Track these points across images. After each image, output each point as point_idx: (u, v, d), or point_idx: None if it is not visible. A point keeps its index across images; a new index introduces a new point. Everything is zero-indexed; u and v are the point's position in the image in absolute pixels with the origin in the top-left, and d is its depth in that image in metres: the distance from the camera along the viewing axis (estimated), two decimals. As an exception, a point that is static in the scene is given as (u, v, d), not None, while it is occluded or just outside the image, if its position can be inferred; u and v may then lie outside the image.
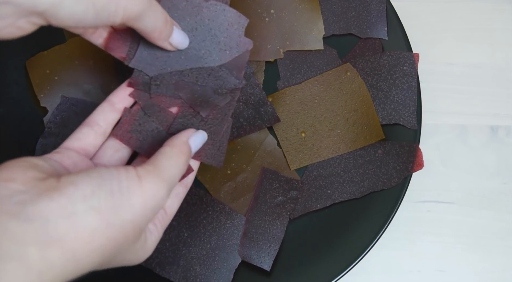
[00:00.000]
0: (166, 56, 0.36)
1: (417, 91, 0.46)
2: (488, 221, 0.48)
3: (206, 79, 0.37)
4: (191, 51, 0.36)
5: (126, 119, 0.35)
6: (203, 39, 0.36)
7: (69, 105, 0.44)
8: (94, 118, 0.34)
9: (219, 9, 0.36)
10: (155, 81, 0.36)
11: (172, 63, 0.36)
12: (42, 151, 0.43)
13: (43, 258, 0.24)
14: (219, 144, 0.37)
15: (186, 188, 0.35)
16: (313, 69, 0.47)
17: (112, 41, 0.35)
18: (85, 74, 0.45)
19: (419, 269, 0.47)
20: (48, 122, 0.44)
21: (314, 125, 0.46)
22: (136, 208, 0.27)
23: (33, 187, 0.25)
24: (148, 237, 0.31)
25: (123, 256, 0.29)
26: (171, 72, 0.36)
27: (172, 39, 0.34)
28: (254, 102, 0.44)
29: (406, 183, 0.44)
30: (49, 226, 0.24)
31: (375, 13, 0.47)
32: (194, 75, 0.37)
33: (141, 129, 0.35)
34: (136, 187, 0.27)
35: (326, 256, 0.44)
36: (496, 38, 0.51)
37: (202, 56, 0.37)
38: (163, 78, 0.36)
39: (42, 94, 0.44)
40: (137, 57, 0.35)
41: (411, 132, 0.45)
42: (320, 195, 0.45)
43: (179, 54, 0.36)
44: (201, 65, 0.37)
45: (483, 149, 0.49)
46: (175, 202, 0.34)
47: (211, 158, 0.37)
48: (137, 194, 0.27)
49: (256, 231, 0.44)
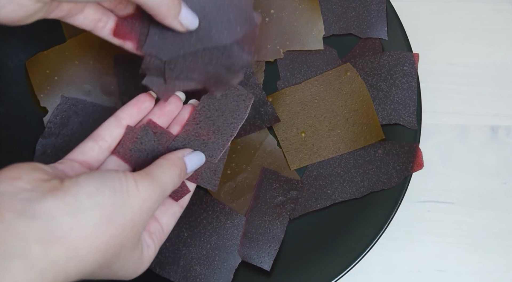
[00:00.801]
0: (178, 39, 0.35)
1: (417, 91, 0.46)
2: (488, 221, 0.48)
3: (220, 58, 0.36)
4: (201, 31, 0.35)
5: (128, 137, 0.35)
6: (213, 18, 0.36)
7: (69, 105, 0.44)
8: (100, 133, 0.34)
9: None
10: (169, 65, 0.35)
11: (184, 45, 0.35)
12: (42, 151, 0.43)
13: (46, 256, 0.24)
14: (215, 168, 0.37)
15: (181, 208, 0.36)
16: (313, 69, 0.47)
17: (120, 28, 0.34)
18: (85, 74, 0.45)
19: (419, 269, 0.47)
20: (48, 122, 0.44)
21: (314, 125, 0.46)
22: (134, 208, 0.28)
23: (39, 186, 0.25)
24: (144, 249, 0.31)
25: (121, 264, 0.29)
26: (184, 54, 0.36)
27: (182, 17, 0.33)
28: (254, 102, 0.44)
29: (406, 183, 0.44)
30: (54, 223, 0.24)
31: (375, 13, 0.47)
32: (208, 56, 0.36)
33: (142, 148, 0.35)
34: (133, 188, 0.28)
35: (326, 256, 0.44)
36: (496, 38, 0.51)
37: (214, 35, 0.36)
38: (177, 62, 0.36)
39: (42, 94, 0.44)
40: (148, 43, 0.35)
41: (411, 132, 0.45)
42: (320, 195, 0.45)
43: (190, 36, 0.35)
44: (213, 44, 0.36)
45: (483, 149, 0.49)
46: (171, 220, 0.35)
47: (206, 181, 0.37)
48: (134, 195, 0.28)
49: (256, 231, 0.44)
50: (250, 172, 0.45)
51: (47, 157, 0.43)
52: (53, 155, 0.43)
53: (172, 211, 0.35)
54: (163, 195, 0.31)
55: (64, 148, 0.43)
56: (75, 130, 0.43)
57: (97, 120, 0.44)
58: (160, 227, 0.34)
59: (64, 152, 0.42)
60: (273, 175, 0.45)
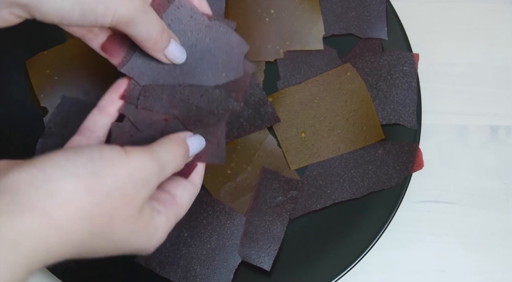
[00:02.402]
0: (160, 68, 0.35)
1: (417, 91, 0.46)
2: (488, 221, 0.48)
3: (198, 99, 0.36)
4: (187, 67, 0.35)
5: (117, 135, 0.34)
6: (201, 58, 0.36)
7: (69, 105, 0.44)
8: (85, 125, 0.34)
9: (222, 31, 0.36)
10: (144, 92, 0.35)
11: (165, 75, 0.35)
12: (42, 151, 0.43)
13: (14, 227, 0.23)
14: (217, 141, 0.36)
15: (195, 186, 0.34)
16: (313, 69, 0.47)
17: (109, 44, 0.34)
18: (85, 74, 0.45)
19: (419, 269, 0.47)
20: (48, 122, 0.44)
21: (314, 125, 0.46)
22: (120, 176, 0.27)
23: (6, 165, 0.25)
24: (155, 215, 0.30)
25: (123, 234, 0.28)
26: (163, 85, 0.35)
27: (168, 51, 0.33)
28: (254, 102, 0.44)
29: (406, 183, 0.44)
30: (21, 195, 0.24)
31: (375, 13, 0.47)
32: (186, 93, 0.36)
33: (134, 140, 0.34)
34: (121, 158, 0.27)
35: (326, 256, 0.44)
36: (496, 38, 0.51)
37: (198, 74, 0.36)
38: (153, 90, 0.35)
39: (42, 94, 0.44)
40: (131, 64, 0.34)
41: (411, 132, 0.45)
42: (320, 195, 0.45)
43: (174, 68, 0.35)
44: (194, 82, 0.36)
45: (483, 149, 0.49)
46: (184, 194, 0.33)
47: (212, 157, 0.36)
48: (121, 163, 0.27)
49: (256, 231, 0.44)
50: (250, 172, 0.45)
51: None
52: None
53: (183, 185, 0.33)
54: (162, 172, 0.29)
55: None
56: (75, 130, 0.43)
57: None
58: (170, 196, 0.32)
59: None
60: (273, 175, 0.45)
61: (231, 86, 0.36)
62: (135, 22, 0.30)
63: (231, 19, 0.46)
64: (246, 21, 0.46)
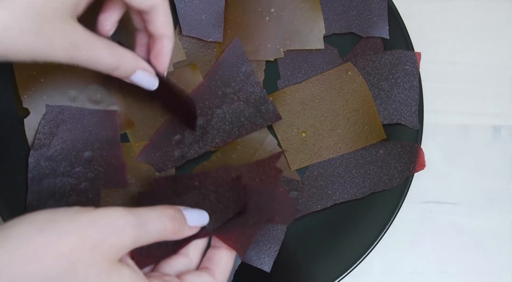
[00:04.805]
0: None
1: (419, 90, 0.45)
2: (491, 222, 0.48)
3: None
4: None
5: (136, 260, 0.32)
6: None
7: (56, 114, 0.43)
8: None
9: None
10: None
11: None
12: (35, 163, 0.42)
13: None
14: (248, 236, 0.35)
15: (188, 259, 0.35)
16: (314, 69, 0.47)
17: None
18: (72, 80, 0.44)
19: (422, 270, 0.47)
20: (37, 133, 0.43)
21: (315, 125, 0.46)
22: (78, 222, 0.27)
23: None
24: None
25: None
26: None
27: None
28: (254, 101, 0.44)
29: (407, 184, 0.44)
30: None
31: (376, 12, 0.47)
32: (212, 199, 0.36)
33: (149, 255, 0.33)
34: (84, 210, 0.28)
35: (327, 257, 0.43)
36: (499, 36, 0.51)
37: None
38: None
39: (25, 95, 0.43)
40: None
41: (412, 132, 0.45)
42: (320, 195, 0.45)
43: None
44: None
45: (486, 149, 0.49)
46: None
47: (235, 244, 0.35)
48: (83, 213, 0.28)
49: (256, 232, 0.43)
50: (250, 172, 0.45)
51: (41, 168, 0.42)
52: (47, 166, 0.42)
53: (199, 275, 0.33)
54: (142, 225, 0.29)
55: (58, 157, 0.42)
56: (65, 138, 0.43)
57: (86, 124, 0.43)
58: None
59: (58, 162, 0.42)
60: (274, 175, 0.45)
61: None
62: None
63: (231, 18, 0.46)
64: (246, 20, 0.46)
